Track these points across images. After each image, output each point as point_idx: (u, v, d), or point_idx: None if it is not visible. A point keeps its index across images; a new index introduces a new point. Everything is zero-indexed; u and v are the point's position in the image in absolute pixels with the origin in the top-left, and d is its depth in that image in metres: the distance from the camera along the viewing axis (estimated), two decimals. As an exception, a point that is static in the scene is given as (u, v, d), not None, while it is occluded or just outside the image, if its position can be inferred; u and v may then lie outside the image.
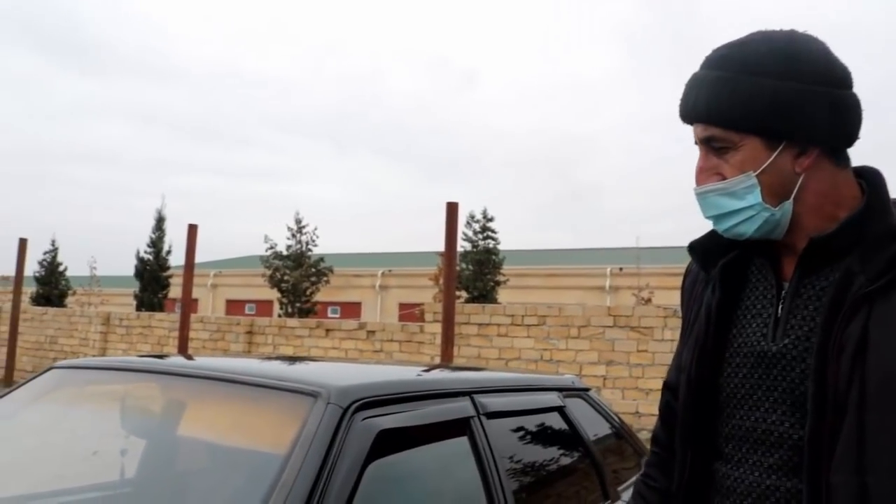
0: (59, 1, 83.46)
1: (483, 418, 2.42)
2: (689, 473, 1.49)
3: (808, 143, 1.35)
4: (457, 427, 2.32)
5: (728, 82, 1.35)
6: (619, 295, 25.43)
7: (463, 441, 2.32)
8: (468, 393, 2.46)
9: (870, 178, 1.41)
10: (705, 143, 1.40)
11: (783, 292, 1.41)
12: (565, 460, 2.99)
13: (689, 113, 1.42)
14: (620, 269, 26.56)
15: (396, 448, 2.08)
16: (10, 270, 16.64)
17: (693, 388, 1.48)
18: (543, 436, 2.90)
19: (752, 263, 1.49)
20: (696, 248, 1.55)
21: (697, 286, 1.57)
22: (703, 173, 1.41)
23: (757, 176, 1.35)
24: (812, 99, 1.33)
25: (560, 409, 3.01)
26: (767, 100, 1.32)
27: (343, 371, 2.69)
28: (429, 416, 2.20)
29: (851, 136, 1.39)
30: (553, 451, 2.94)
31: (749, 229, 1.38)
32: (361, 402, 1.99)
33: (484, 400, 2.49)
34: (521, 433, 2.76)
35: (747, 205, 1.36)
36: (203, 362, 2.58)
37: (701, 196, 1.42)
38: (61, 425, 2.50)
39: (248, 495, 1.76)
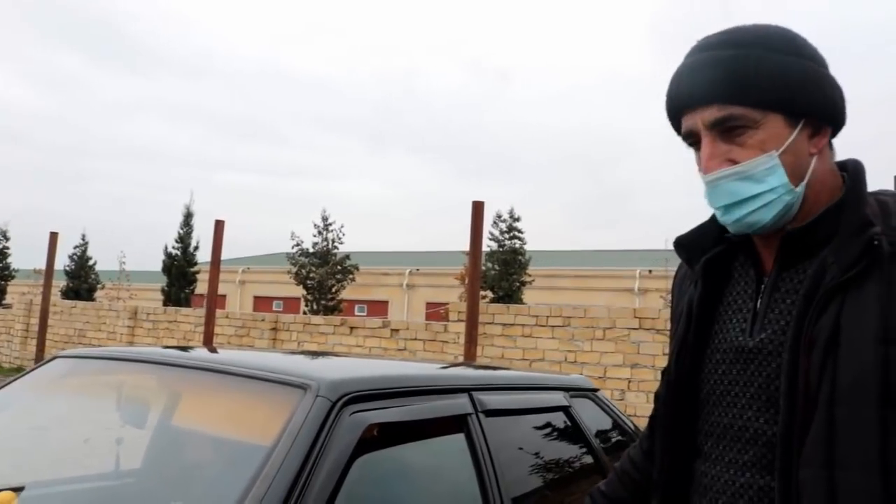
0: (98, 1, 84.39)
1: (481, 416, 2.38)
2: (668, 472, 1.46)
3: (823, 123, 1.32)
4: (453, 424, 2.29)
5: (749, 58, 1.28)
6: (648, 297, 25.25)
7: (459, 438, 2.29)
8: (466, 390, 2.43)
9: (852, 170, 1.37)
10: (716, 126, 1.30)
11: (762, 286, 1.37)
12: (569, 461, 2.94)
13: (700, 95, 1.32)
14: (650, 271, 26.38)
15: (387, 443, 2.06)
16: (42, 264, 16.93)
17: (673, 386, 1.46)
18: (546, 435, 2.86)
19: (736, 258, 1.45)
20: (682, 243, 1.50)
21: (686, 282, 1.54)
22: (714, 159, 1.31)
23: (779, 156, 1.28)
24: (824, 77, 1.31)
25: (565, 409, 2.97)
26: (796, 74, 1.27)
27: (337, 365, 2.67)
28: (423, 411, 2.17)
29: (845, 120, 1.36)
30: (556, 452, 2.89)
31: (766, 217, 1.30)
32: (351, 395, 1.97)
33: (483, 397, 2.45)
34: (523, 432, 2.72)
35: (769, 188, 1.28)
36: (200, 354, 2.58)
37: (713, 183, 1.32)
38: (60, 413, 2.52)
39: (231, 486, 1.75)
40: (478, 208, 10.62)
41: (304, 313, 21.47)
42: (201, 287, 20.78)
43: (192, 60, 78.01)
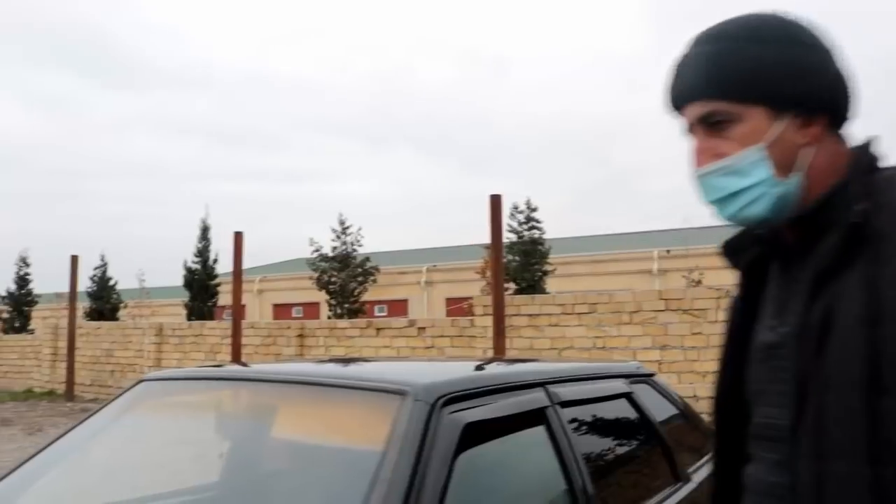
0: (86, 18, 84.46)
1: (557, 407, 2.50)
2: (722, 482, 1.47)
3: (815, 111, 1.27)
4: (534, 417, 2.40)
5: (730, 52, 1.27)
6: (668, 278, 25.20)
7: (540, 430, 2.40)
8: (542, 384, 2.54)
9: (856, 150, 1.32)
10: (703, 122, 1.30)
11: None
12: (636, 445, 3.06)
13: (685, 92, 1.33)
14: (668, 251, 26.36)
15: (481, 440, 2.16)
16: (63, 287, 17.06)
17: (721, 399, 1.46)
18: (614, 422, 2.97)
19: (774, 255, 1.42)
20: (726, 247, 1.48)
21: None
22: (704, 154, 1.31)
23: (765, 149, 1.26)
24: (817, 63, 1.27)
25: (628, 395, 3.08)
26: (774, 64, 1.25)
27: (423, 369, 2.79)
28: (508, 407, 2.29)
29: (851, 106, 1.32)
30: (624, 437, 3.01)
31: (759, 210, 1.28)
32: (446, 397, 2.08)
33: (557, 390, 2.57)
34: (594, 420, 2.83)
35: (755, 181, 1.26)
36: (288, 367, 2.69)
37: (702, 179, 1.32)
38: (159, 434, 2.63)
39: (350, 491, 1.86)
40: (496, 202, 10.69)
41: (329, 317, 21.58)
42: (223, 299, 20.89)
43: (184, 73, 77.77)
